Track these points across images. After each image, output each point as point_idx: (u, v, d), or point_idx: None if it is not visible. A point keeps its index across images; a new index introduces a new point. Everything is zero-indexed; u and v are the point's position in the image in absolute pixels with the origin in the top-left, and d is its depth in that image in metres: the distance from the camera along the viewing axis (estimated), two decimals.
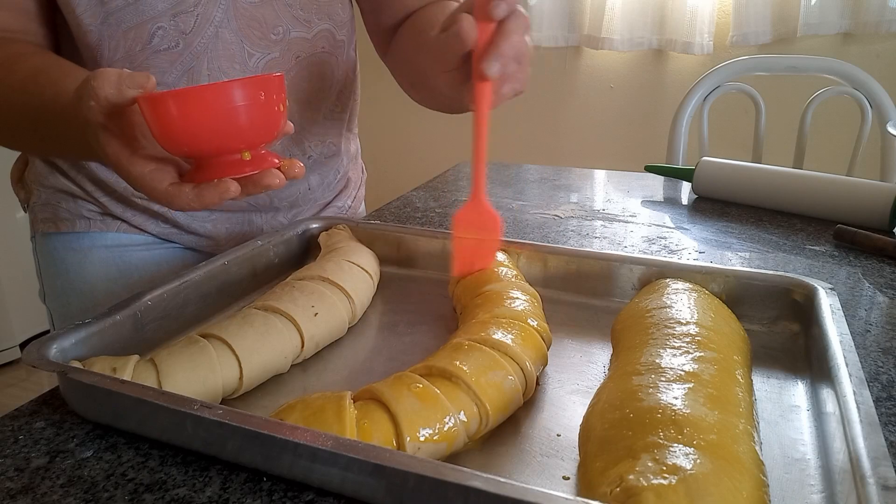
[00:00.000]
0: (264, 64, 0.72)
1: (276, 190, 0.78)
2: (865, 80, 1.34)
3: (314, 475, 0.38)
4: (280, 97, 0.50)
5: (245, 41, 0.70)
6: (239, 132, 0.48)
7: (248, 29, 0.70)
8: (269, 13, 0.71)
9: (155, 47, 0.66)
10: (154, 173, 0.50)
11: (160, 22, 0.66)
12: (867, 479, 0.33)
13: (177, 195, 0.49)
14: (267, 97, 0.48)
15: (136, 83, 0.47)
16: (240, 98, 0.47)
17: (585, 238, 0.82)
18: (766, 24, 2.06)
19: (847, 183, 0.87)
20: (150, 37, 0.66)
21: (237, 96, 0.46)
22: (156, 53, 0.67)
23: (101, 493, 0.39)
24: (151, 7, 0.65)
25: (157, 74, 0.66)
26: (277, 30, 0.72)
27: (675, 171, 1.02)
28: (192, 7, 0.66)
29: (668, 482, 0.32)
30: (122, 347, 0.52)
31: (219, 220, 0.80)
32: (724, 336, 0.49)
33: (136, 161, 0.49)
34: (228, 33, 0.69)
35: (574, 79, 2.39)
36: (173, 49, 0.67)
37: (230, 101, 0.46)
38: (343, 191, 0.92)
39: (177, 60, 0.68)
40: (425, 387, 0.42)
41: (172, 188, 0.50)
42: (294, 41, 0.73)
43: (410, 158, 2.61)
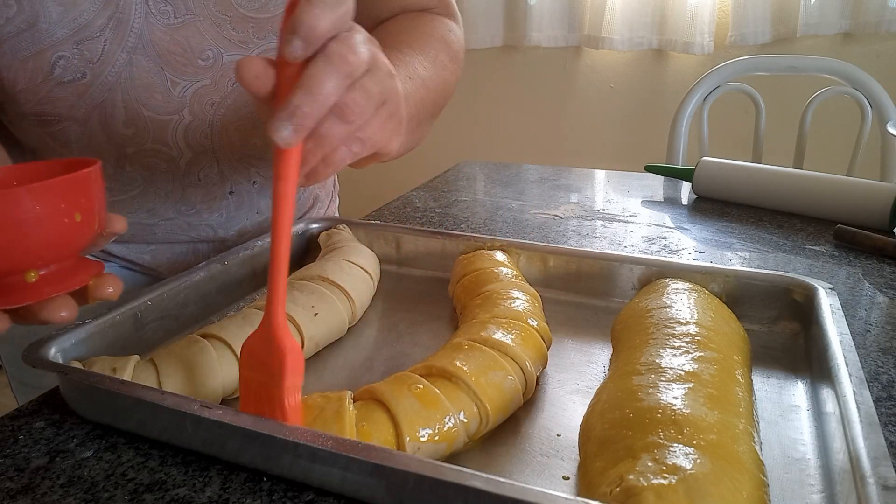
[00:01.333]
0: (192, 93, 0.63)
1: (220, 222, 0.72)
2: (865, 80, 1.34)
3: (314, 475, 0.38)
4: (77, 204, 0.38)
5: (166, 68, 0.61)
6: (11, 251, 0.37)
7: (169, 55, 0.61)
8: (194, 36, 0.61)
9: (58, 79, 0.58)
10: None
11: (61, 50, 0.57)
12: (867, 479, 0.33)
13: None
14: (48, 209, 0.37)
15: None
16: (6, 211, 0.35)
17: (585, 238, 0.82)
18: (765, 24, 2.06)
19: (847, 183, 0.87)
20: (52, 67, 0.57)
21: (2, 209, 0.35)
22: (59, 86, 0.58)
23: (101, 493, 0.39)
24: (49, 34, 0.56)
25: (65, 108, 0.60)
26: (206, 54, 0.62)
27: (675, 171, 1.02)
28: (97, 32, 0.57)
29: (667, 482, 0.32)
30: (122, 347, 0.52)
31: (158, 250, 0.74)
32: (724, 336, 0.49)
33: None
34: (145, 60, 0.60)
35: (574, 79, 2.40)
36: (80, 80, 0.58)
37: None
38: (309, 211, 0.87)
39: (85, 93, 0.59)
40: (426, 387, 0.42)
41: None
42: (229, 66, 0.64)
43: (410, 158, 2.61)
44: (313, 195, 0.88)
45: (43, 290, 0.38)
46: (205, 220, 0.73)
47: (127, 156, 0.64)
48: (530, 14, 2.29)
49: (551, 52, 2.38)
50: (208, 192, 0.71)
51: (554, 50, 2.37)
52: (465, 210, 0.94)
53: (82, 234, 0.40)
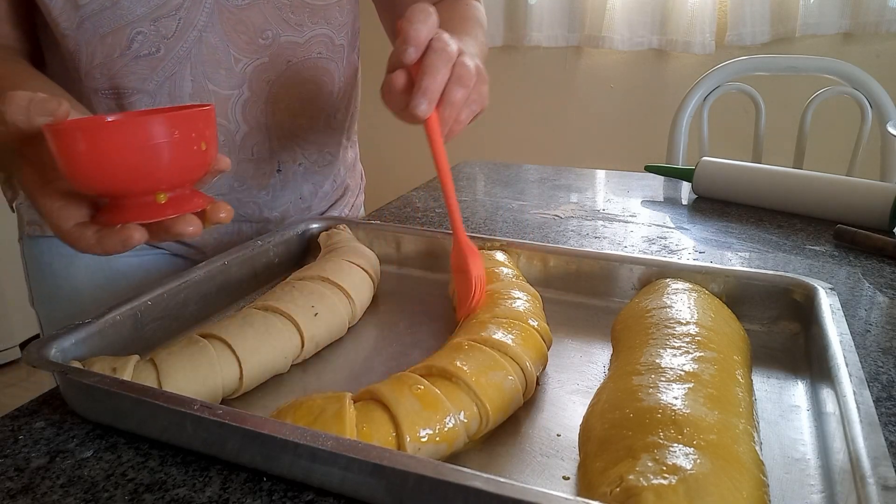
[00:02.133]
0: (252, 69, 0.70)
1: (265, 200, 0.78)
2: (865, 80, 1.34)
3: (314, 475, 0.38)
4: (203, 135, 0.44)
5: (231, 46, 0.68)
6: (150, 173, 0.43)
7: (235, 33, 0.67)
8: (257, 16, 0.68)
9: (134, 53, 0.64)
10: (61, 210, 0.45)
11: (139, 27, 0.63)
12: (867, 479, 0.33)
13: (79, 238, 0.45)
14: (183, 135, 0.43)
15: (46, 110, 0.43)
16: (151, 135, 0.42)
17: (585, 238, 0.82)
18: (764, 24, 2.06)
19: (847, 183, 0.86)
20: (129, 42, 0.63)
21: (148, 133, 0.42)
22: (135, 60, 0.64)
23: (101, 493, 0.39)
24: (130, 11, 0.62)
25: (138, 82, 0.65)
26: (266, 34, 0.69)
27: (675, 171, 1.02)
28: (173, 10, 0.64)
29: (667, 482, 0.32)
30: (122, 347, 0.52)
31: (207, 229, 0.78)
32: (724, 336, 0.49)
33: (47, 193, 0.45)
34: (213, 37, 0.66)
35: (574, 79, 2.40)
36: (154, 55, 0.64)
37: (140, 139, 0.41)
38: (340, 199, 0.91)
39: (158, 67, 0.65)
40: (426, 388, 0.42)
41: (75, 229, 0.45)
42: (284, 45, 0.71)
43: (411, 159, 2.61)
44: (344, 184, 0.91)
45: (171, 209, 0.45)
46: (253, 198, 0.78)
47: None
48: (530, 14, 2.29)
49: (551, 52, 2.38)
50: (259, 168, 0.76)
51: (554, 50, 2.37)
52: (465, 210, 0.94)
53: (204, 163, 0.46)
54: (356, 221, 0.75)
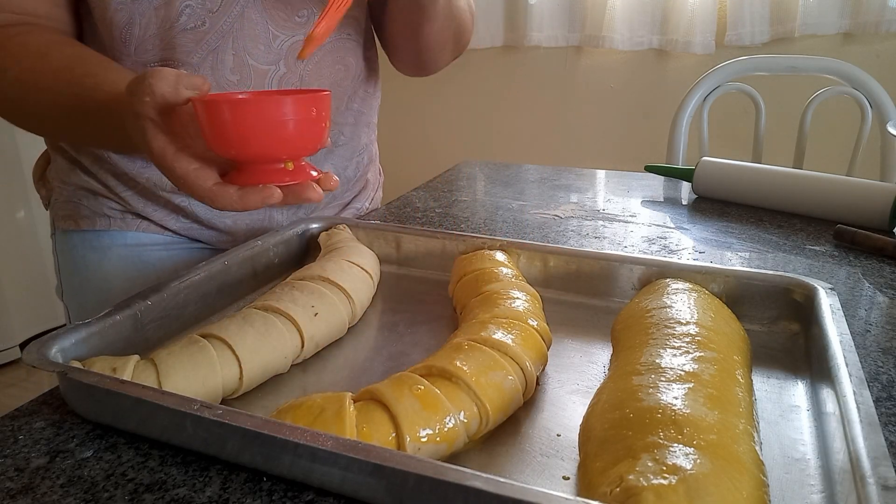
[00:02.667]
0: (288, 46, 0.72)
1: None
2: (865, 80, 1.34)
3: (314, 475, 0.38)
4: (327, 114, 0.52)
5: (270, 22, 0.70)
6: (286, 143, 0.50)
7: (274, 10, 0.70)
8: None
9: (182, 25, 0.67)
10: (198, 171, 0.51)
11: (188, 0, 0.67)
12: (867, 479, 0.33)
13: (221, 195, 0.51)
14: (318, 113, 0.50)
15: (194, 84, 0.49)
16: (292, 112, 0.49)
17: (585, 238, 0.82)
18: (764, 24, 2.06)
19: (847, 183, 0.86)
20: (179, 14, 0.66)
21: (290, 110, 0.49)
22: (183, 32, 0.67)
23: (101, 493, 0.39)
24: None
25: (184, 54, 0.68)
26: (302, 12, 0.72)
27: (675, 171, 1.02)
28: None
29: (667, 482, 0.32)
30: (122, 347, 0.52)
31: (240, 215, 0.81)
32: (724, 336, 0.49)
33: (182, 158, 0.51)
34: (254, 13, 0.69)
35: (574, 79, 2.40)
36: (199, 28, 0.68)
37: (282, 114, 0.49)
38: (362, 192, 0.93)
39: (202, 40, 0.68)
40: (426, 388, 0.42)
41: (217, 187, 0.51)
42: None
43: (411, 159, 2.61)
44: (364, 178, 0.92)
45: (296, 176, 0.52)
46: None
47: None
48: (530, 14, 2.29)
49: (551, 52, 2.38)
50: None
51: (554, 50, 2.37)
52: (465, 210, 0.94)
53: (324, 137, 0.52)
54: (356, 221, 0.75)
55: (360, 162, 0.88)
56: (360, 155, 0.88)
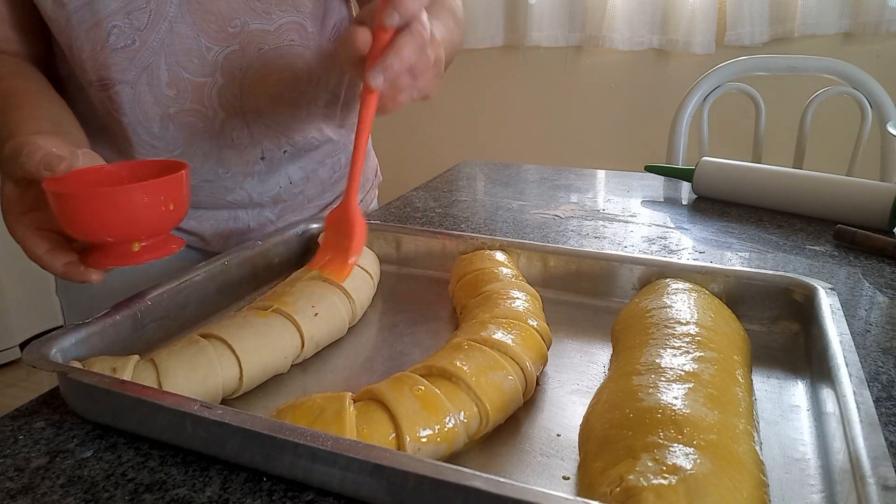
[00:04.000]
0: (224, 57, 0.71)
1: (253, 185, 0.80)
2: (865, 80, 1.34)
3: (314, 475, 0.38)
4: (169, 198, 0.52)
5: (202, 35, 0.69)
6: (125, 229, 0.51)
7: (204, 22, 0.69)
8: (224, 6, 0.69)
9: (113, 45, 0.67)
10: (33, 237, 0.53)
11: (115, 20, 0.66)
12: (867, 479, 0.33)
13: (48, 264, 0.53)
14: (153, 199, 0.51)
15: (50, 166, 0.50)
16: (122, 203, 0.50)
17: (585, 238, 0.82)
18: (764, 24, 2.06)
19: (847, 183, 0.86)
20: (108, 35, 0.66)
21: (122, 200, 0.50)
22: (115, 52, 0.67)
23: (101, 493, 0.39)
24: (105, 6, 0.65)
25: (119, 73, 0.68)
26: (234, 22, 0.70)
27: (675, 171, 1.02)
28: (144, 3, 0.66)
29: (667, 482, 0.32)
30: (122, 347, 0.52)
31: (203, 216, 0.80)
32: (724, 336, 0.49)
33: (21, 222, 0.53)
34: (184, 27, 0.68)
35: (574, 79, 2.40)
36: (130, 47, 0.67)
37: (116, 205, 0.49)
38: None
39: (135, 58, 0.68)
40: (427, 389, 0.42)
41: (47, 255, 0.53)
42: (254, 33, 0.72)
43: (411, 159, 2.62)
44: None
45: (143, 256, 0.53)
46: (239, 184, 0.79)
47: (170, 115, 0.72)
48: (530, 14, 2.29)
49: (551, 52, 2.38)
50: (241, 155, 0.78)
51: (554, 50, 2.37)
52: (465, 210, 0.94)
53: (173, 219, 0.53)
54: None
55: (336, 163, 0.87)
56: (335, 156, 0.87)
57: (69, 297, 0.84)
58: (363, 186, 0.96)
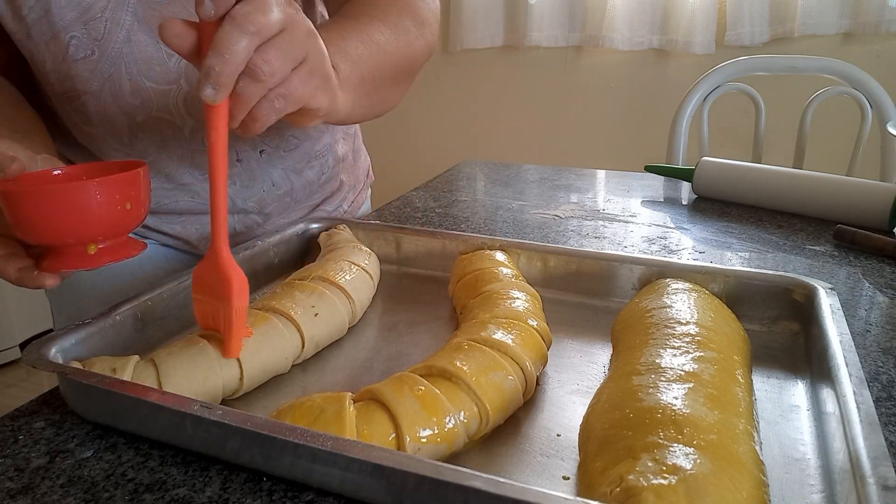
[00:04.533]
0: (186, 63, 0.68)
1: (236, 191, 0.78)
2: (865, 80, 1.34)
3: (314, 475, 0.38)
4: (128, 195, 0.49)
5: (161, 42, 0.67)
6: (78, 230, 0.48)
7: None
8: (180, 10, 0.67)
9: (73, 56, 0.65)
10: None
11: (72, 31, 0.64)
12: (867, 479, 0.33)
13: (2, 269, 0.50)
14: (108, 198, 0.47)
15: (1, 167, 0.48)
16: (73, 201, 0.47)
17: (585, 238, 0.82)
18: (764, 24, 2.06)
19: (847, 183, 0.86)
20: (67, 47, 0.65)
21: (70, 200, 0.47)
22: (75, 63, 0.66)
23: (101, 493, 0.39)
24: (61, 17, 0.64)
25: (82, 84, 0.67)
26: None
27: (675, 171, 1.02)
28: (99, 13, 0.65)
29: (667, 482, 0.32)
30: (122, 347, 0.52)
31: (187, 221, 0.79)
32: (724, 336, 0.49)
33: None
34: (141, 35, 0.67)
35: (574, 79, 2.40)
36: (90, 57, 0.66)
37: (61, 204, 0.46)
38: (334, 194, 0.89)
39: (95, 68, 0.66)
40: (427, 389, 0.42)
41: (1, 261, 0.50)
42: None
43: (411, 159, 2.62)
44: (336, 180, 0.89)
45: (100, 259, 0.49)
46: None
47: (138, 124, 0.70)
48: (530, 14, 2.29)
49: (551, 52, 2.38)
50: None
51: (554, 50, 2.37)
52: (465, 210, 0.94)
53: (130, 219, 0.50)
54: (356, 221, 0.75)
55: (324, 164, 0.85)
56: (322, 157, 0.85)
57: (58, 299, 0.83)
58: (354, 187, 0.94)
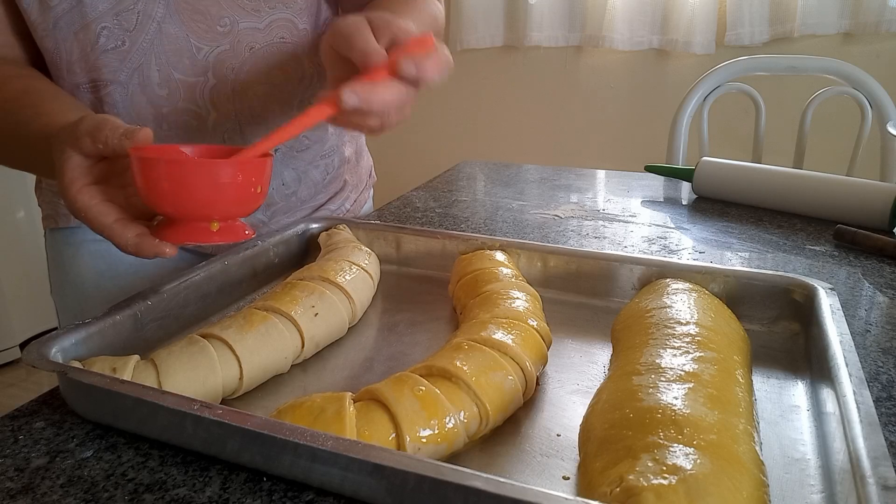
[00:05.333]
0: (214, 57, 0.71)
1: None
2: (865, 80, 1.34)
3: (314, 475, 0.38)
4: (259, 180, 0.51)
5: (191, 35, 0.69)
6: (216, 206, 0.49)
7: (192, 22, 0.69)
8: (212, 5, 0.69)
9: (103, 47, 0.67)
10: (99, 206, 0.51)
11: (104, 21, 0.66)
12: (867, 479, 0.33)
13: (119, 234, 0.51)
14: (245, 179, 0.49)
15: (132, 136, 0.49)
16: (219, 176, 0.48)
17: (585, 238, 0.82)
18: (764, 24, 2.06)
19: (847, 183, 0.87)
20: (97, 37, 0.66)
21: (217, 174, 0.48)
22: (105, 53, 0.67)
23: (101, 493, 0.39)
24: (93, 8, 0.65)
25: (111, 73, 0.68)
26: (223, 21, 0.70)
27: (675, 171, 1.02)
28: (132, 5, 0.66)
29: (668, 482, 0.32)
30: (122, 347, 0.52)
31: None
32: (724, 336, 0.49)
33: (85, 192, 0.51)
34: (172, 28, 0.68)
35: (574, 79, 2.40)
36: (120, 48, 0.68)
37: (208, 178, 0.48)
38: (338, 194, 0.90)
39: (125, 58, 0.68)
40: (427, 389, 0.42)
41: (116, 225, 0.51)
42: (244, 32, 0.71)
43: (411, 159, 2.62)
44: (340, 180, 0.90)
45: (219, 237, 0.50)
46: None
47: (164, 115, 0.72)
48: (530, 14, 2.29)
49: (551, 52, 2.38)
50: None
51: (554, 50, 2.37)
52: (465, 210, 0.94)
53: (256, 202, 0.52)
54: (356, 221, 0.75)
55: (329, 164, 0.86)
56: (328, 157, 0.86)
57: (63, 298, 0.85)
58: (356, 187, 0.95)
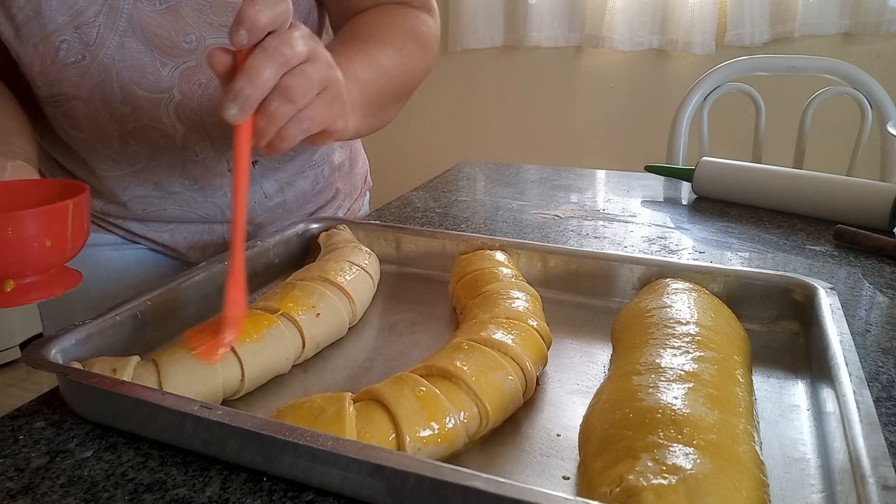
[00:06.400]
0: (180, 73, 0.67)
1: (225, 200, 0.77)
2: (865, 80, 1.34)
3: (314, 475, 0.38)
4: (49, 231, 0.45)
5: (155, 51, 0.66)
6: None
7: (156, 38, 0.65)
8: (178, 20, 0.65)
9: (63, 61, 0.64)
10: None
11: (63, 34, 0.63)
12: (867, 479, 0.33)
13: None
14: (18, 234, 0.44)
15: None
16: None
17: (585, 238, 0.82)
18: (764, 24, 2.06)
19: (847, 183, 0.87)
20: (57, 50, 0.63)
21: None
22: (65, 67, 0.64)
23: (101, 493, 0.39)
24: (52, 20, 0.62)
25: (72, 88, 0.66)
26: (189, 38, 0.66)
27: (675, 171, 1.02)
28: (92, 18, 0.63)
29: (667, 482, 0.32)
30: (122, 348, 0.52)
31: (176, 229, 0.79)
32: (724, 336, 0.49)
33: None
34: (135, 43, 0.65)
35: (574, 79, 2.40)
36: (81, 62, 0.64)
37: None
38: (330, 202, 0.89)
39: (86, 73, 0.65)
40: (427, 390, 0.42)
41: None
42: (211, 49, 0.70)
43: (411, 159, 2.62)
44: (334, 187, 0.89)
45: (16, 298, 0.45)
46: (210, 199, 0.76)
47: (129, 131, 0.69)
48: (530, 14, 2.29)
49: (551, 52, 2.38)
50: (207, 169, 0.74)
51: (554, 50, 2.37)
52: (465, 210, 0.94)
53: (53, 256, 0.46)
54: (356, 221, 0.75)
55: (318, 174, 0.84)
56: (317, 167, 0.84)
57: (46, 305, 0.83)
58: (350, 195, 0.93)
